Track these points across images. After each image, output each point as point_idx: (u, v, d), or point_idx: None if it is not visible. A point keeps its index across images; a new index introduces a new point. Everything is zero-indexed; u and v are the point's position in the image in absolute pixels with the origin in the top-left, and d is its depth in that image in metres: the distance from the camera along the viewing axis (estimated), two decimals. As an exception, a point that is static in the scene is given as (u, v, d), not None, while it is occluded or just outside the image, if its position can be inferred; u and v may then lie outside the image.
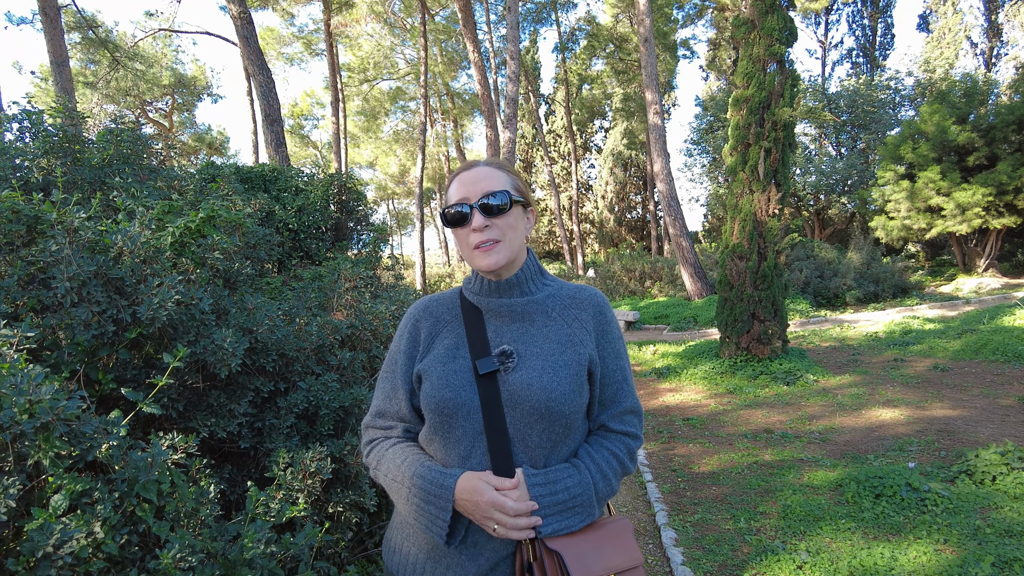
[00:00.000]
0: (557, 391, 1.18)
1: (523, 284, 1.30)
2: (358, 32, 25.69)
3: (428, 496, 1.16)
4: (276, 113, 11.30)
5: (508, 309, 1.28)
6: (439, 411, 1.21)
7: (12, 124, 3.08)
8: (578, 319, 1.29)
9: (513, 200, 1.26)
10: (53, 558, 1.33)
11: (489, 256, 1.23)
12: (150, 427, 2.07)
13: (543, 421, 1.18)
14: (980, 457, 4.14)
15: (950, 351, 8.49)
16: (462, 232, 1.26)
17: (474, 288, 1.32)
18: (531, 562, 1.13)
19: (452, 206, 1.25)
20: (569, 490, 1.17)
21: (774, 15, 7.89)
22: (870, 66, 29.47)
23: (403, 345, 1.34)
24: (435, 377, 1.23)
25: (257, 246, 3.05)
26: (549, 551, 1.12)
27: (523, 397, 1.18)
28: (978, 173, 14.15)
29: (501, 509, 1.10)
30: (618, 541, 1.18)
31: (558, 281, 1.37)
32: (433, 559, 1.21)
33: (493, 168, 1.29)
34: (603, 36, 28.14)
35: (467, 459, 1.19)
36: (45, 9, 10.84)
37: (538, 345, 1.24)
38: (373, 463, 1.31)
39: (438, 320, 1.33)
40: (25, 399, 1.35)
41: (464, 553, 1.18)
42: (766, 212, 7.94)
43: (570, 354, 1.23)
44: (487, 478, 1.13)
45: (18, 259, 1.94)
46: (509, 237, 1.25)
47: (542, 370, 1.20)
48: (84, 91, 22.23)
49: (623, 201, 32.62)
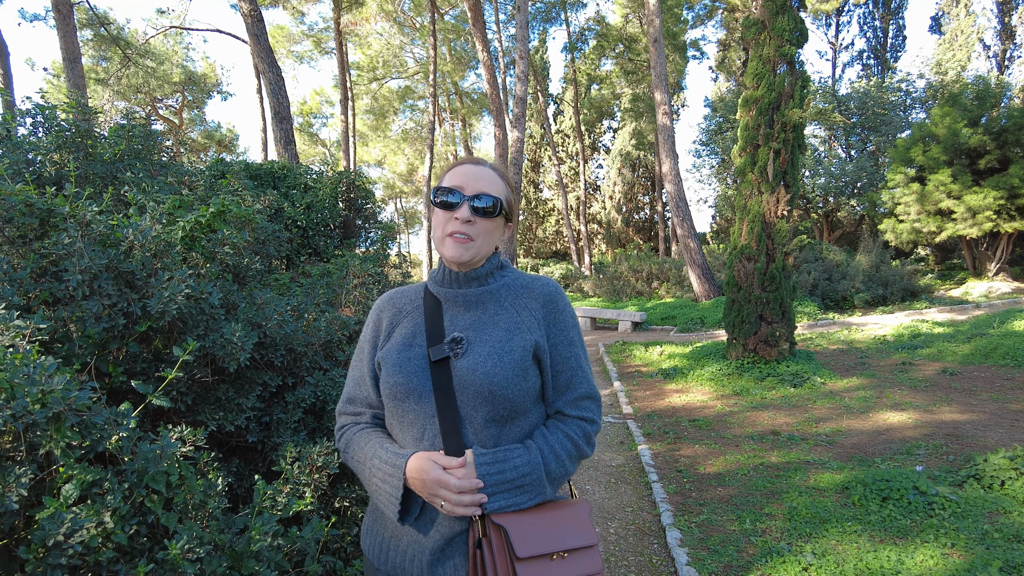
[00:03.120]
0: (499, 376, 1.23)
1: (482, 277, 1.36)
2: (368, 31, 25.77)
3: (384, 476, 1.23)
4: (285, 111, 11.34)
5: (464, 298, 1.34)
6: (393, 396, 1.28)
7: (26, 119, 3.11)
8: (527, 307, 1.35)
9: (501, 209, 1.33)
10: (64, 547, 1.34)
11: (458, 248, 1.29)
12: (159, 420, 2.08)
13: (487, 404, 1.23)
14: (989, 461, 4.11)
15: (959, 355, 8.43)
16: (443, 216, 1.31)
17: (438, 279, 1.38)
18: (481, 538, 1.17)
19: (445, 188, 1.31)
20: (517, 469, 1.21)
21: (784, 16, 7.86)
22: (881, 68, 29.28)
23: (368, 334, 1.42)
24: (391, 364, 1.30)
25: (266, 242, 3.07)
26: (496, 526, 1.16)
27: (469, 381, 1.23)
28: (989, 176, 14.03)
29: (445, 487, 1.15)
30: (572, 522, 1.21)
31: (516, 272, 1.43)
32: (396, 537, 1.28)
33: (495, 174, 1.36)
34: (612, 36, 28.10)
35: (420, 440, 1.25)
36: (58, 6, 10.93)
37: (487, 332, 1.30)
38: (343, 447, 1.38)
39: (400, 310, 1.40)
40: (38, 389, 1.36)
41: (420, 530, 1.24)
42: (775, 214, 7.91)
43: (516, 340, 1.28)
44: (435, 458, 1.19)
45: (31, 252, 1.96)
46: (483, 240, 1.32)
47: (487, 356, 1.25)
48: (96, 87, 22.40)
49: (631, 202, 32.57)
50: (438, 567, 1.22)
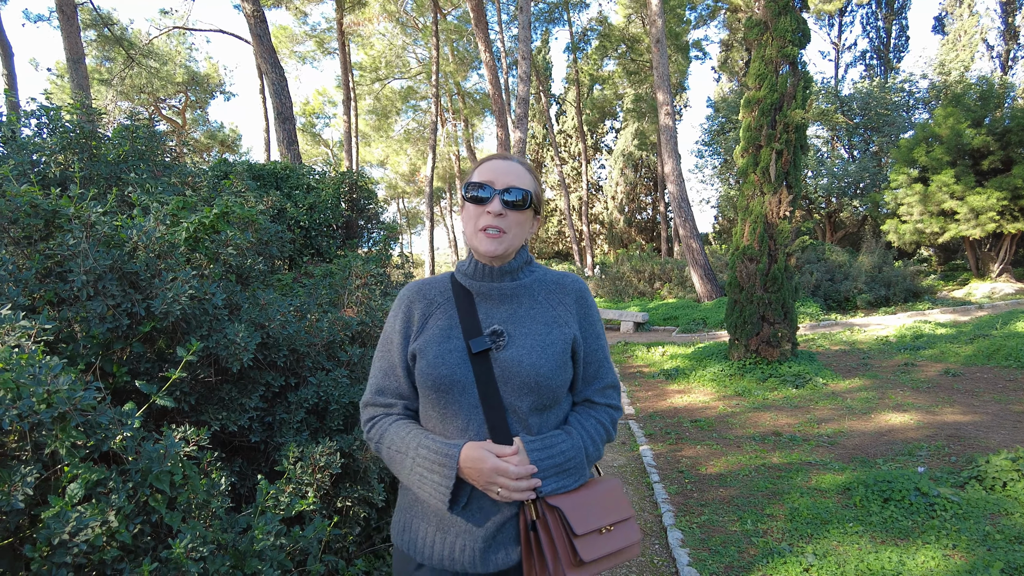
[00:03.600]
0: (545, 367, 1.29)
1: (514, 272, 1.39)
2: (370, 31, 25.79)
3: (433, 465, 1.25)
4: (288, 111, 11.36)
5: (498, 292, 1.37)
6: (436, 388, 1.29)
7: (31, 120, 3.13)
8: (562, 303, 1.40)
9: (531, 202, 1.35)
10: (69, 545, 1.35)
11: (491, 243, 1.32)
12: (163, 420, 2.09)
13: (533, 394, 1.28)
14: (991, 463, 4.11)
15: (962, 356, 8.42)
16: (475, 210, 1.34)
17: (468, 271, 1.40)
18: (534, 520, 1.23)
19: (476, 183, 1.34)
20: (564, 453, 1.28)
21: (787, 16, 7.85)
22: (884, 68, 29.20)
23: (398, 325, 1.41)
24: (431, 356, 1.31)
25: (269, 242, 3.08)
26: (551, 508, 1.22)
27: (514, 373, 1.28)
28: (993, 177, 13.99)
29: (504, 474, 1.19)
30: (610, 497, 1.30)
31: (543, 268, 1.46)
32: (442, 530, 1.29)
33: (523, 168, 1.38)
34: (615, 37, 28.09)
35: (465, 431, 1.28)
36: (62, 7, 10.96)
37: (526, 326, 1.34)
38: (375, 438, 1.39)
39: (431, 302, 1.41)
40: (43, 389, 1.37)
41: (470, 519, 1.27)
42: (777, 214, 7.91)
43: (556, 334, 1.34)
44: (488, 447, 1.23)
45: (36, 252, 1.97)
46: (514, 232, 1.34)
47: (531, 348, 1.30)
48: (99, 88, 22.45)
49: (633, 202, 32.55)
50: (490, 554, 1.26)
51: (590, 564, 1.21)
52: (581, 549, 1.19)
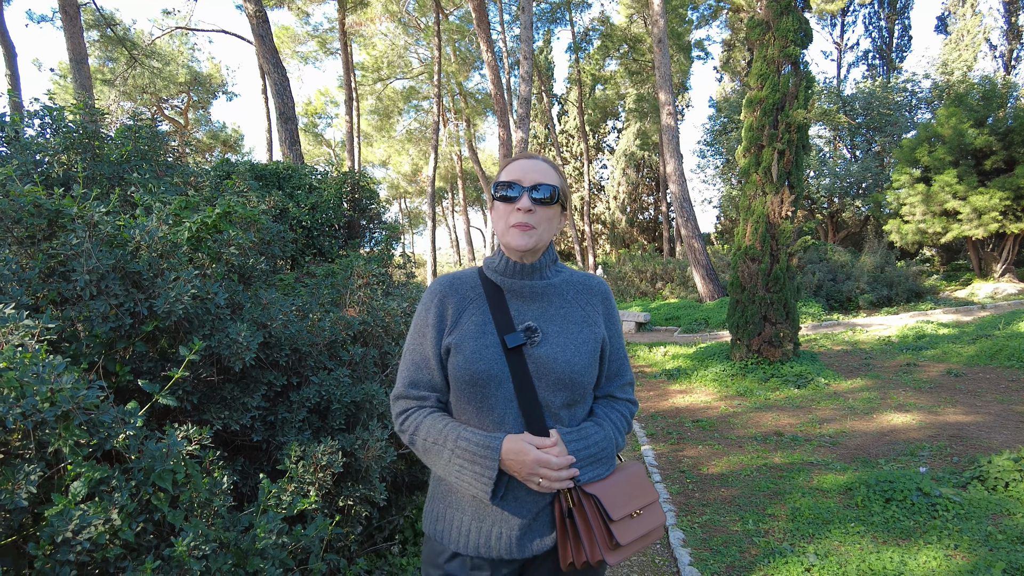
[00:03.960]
0: (579, 365, 1.36)
1: (542, 269, 1.44)
2: (372, 31, 25.80)
3: (474, 457, 1.29)
4: (290, 111, 11.37)
5: (529, 290, 1.42)
6: (472, 382, 1.33)
7: (34, 120, 3.14)
8: (590, 303, 1.46)
9: (558, 197, 1.40)
10: (72, 543, 1.36)
11: (523, 237, 1.36)
12: (165, 419, 2.10)
13: (566, 390, 1.35)
14: (993, 463, 4.10)
15: (964, 356, 8.40)
16: (505, 208, 1.39)
17: (497, 268, 1.44)
18: (571, 507, 1.29)
19: (504, 182, 1.39)
20: (598, 444, 1.35)
21: (789, 16, 7.84)
22: (886, 68, 29.15)
23: (431, 319, 1.43)
24: (468, 351, 1.35)
25: (272, 242, 3.09)
26: (587, 495, 1.29)
27: (549, 369, 1.34)
28: (995, 177, 13.96)
29: (546, 465, 1.25)
30: (637, 482, 1.38)
31: (567, 269, 1.53)
32: (478, 519, 1.34)
33: (548, 166, 1.43)
34: (617, 36, 28.03)
35: (501, 424, 1.33)
36: (65, 7, 10.98)
37: (558, 324, 1.40)
38: (410, 429, 1.40)
39: (463, 297, 1.44)
40: (47, 388, 1.38)
41: (507, 508, 1.32)
42: (779, 214, 7.90)
43: (587, 333, 1.41)
44: (529, 439, 1.28)
45: (39, 252, 1.98)
46: (543, 227, 1.39)
47: (564, 346, 1.37)
48: (102, 88, 22.49)
49: (635, 202, 32.51)
50: (526, 540, 1.32)
51: (624, 548, 1.28)
52: (617, 533, 1.26)
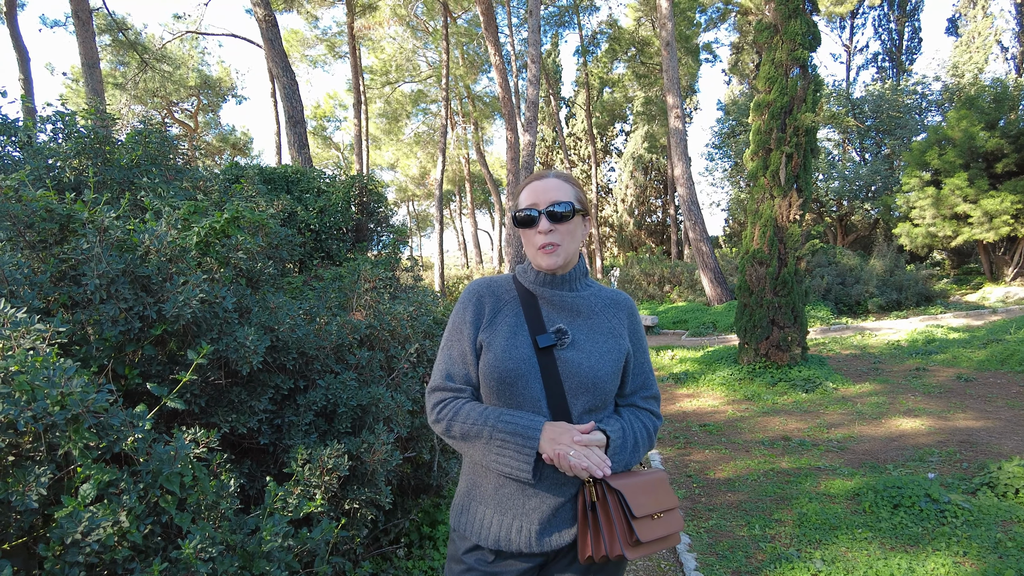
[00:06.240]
0: (603, 371, 1.42)
1: (572, 282, 1.52)
2: (381, 35, 25.92)
3: (515, 434, 1.35)
4: (299, 115, 11.43)
5: (560, 300, 1.50)
6: (501, 380, 1.40)
7: (46, 125, 3.18)
8: (616, 316, 1.53)
9: (575, 210, 1.46)
10: (81, 545, 1.37)
11: (549, 258, 1.45)
12: (173, 421, 2.12)
13: (588, 394, 1.41)
14: (1003, 469, 4.06)
15: (975, 361, 8.33)
16: (529, 232, 1.47)
17: (530, 278, 1.53)
18: (594, 501, 1.34)
19: (522, 210, 1.47)
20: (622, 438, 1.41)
21: (797, 19, 7.82)
22: (896, 71, 28.96)
23: (469, 316, 1.50)
24: (499, 350, 1.42)
25: (279, 246, 3.11)
26: (612, 490, 1.33)
27: (575, 372, 1.40)
28: (1007, 180, 13.85)
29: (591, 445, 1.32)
30: (660, 487, 1.41)
31: (596, 284, 1.61)
32: (500, 512, 1.40)
33: (561, 181, 1.49)
34: (625, 40, 28.02)
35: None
36: (78, 12, 11.10)
37: (586, 333, 1.47)
38: (447, 416, 1.44)
39: (499, 298, 1.53)
40: (57, 391, 1.40)
41: (528, 502, 1.38)
42: (787, 217, 7.87)
43: (612, 344, 1.47)
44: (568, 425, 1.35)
45: (51, 256, 2.01)
46: (567, 242, 1.46)
47: (590, 353, 1.43)
48: (113, 92, 22.70)
49: (643, 205, 32.46)
50: (545, 535, 1.37)
51: (643, 546, 1.32)
52: (639, 530, 1.30)
